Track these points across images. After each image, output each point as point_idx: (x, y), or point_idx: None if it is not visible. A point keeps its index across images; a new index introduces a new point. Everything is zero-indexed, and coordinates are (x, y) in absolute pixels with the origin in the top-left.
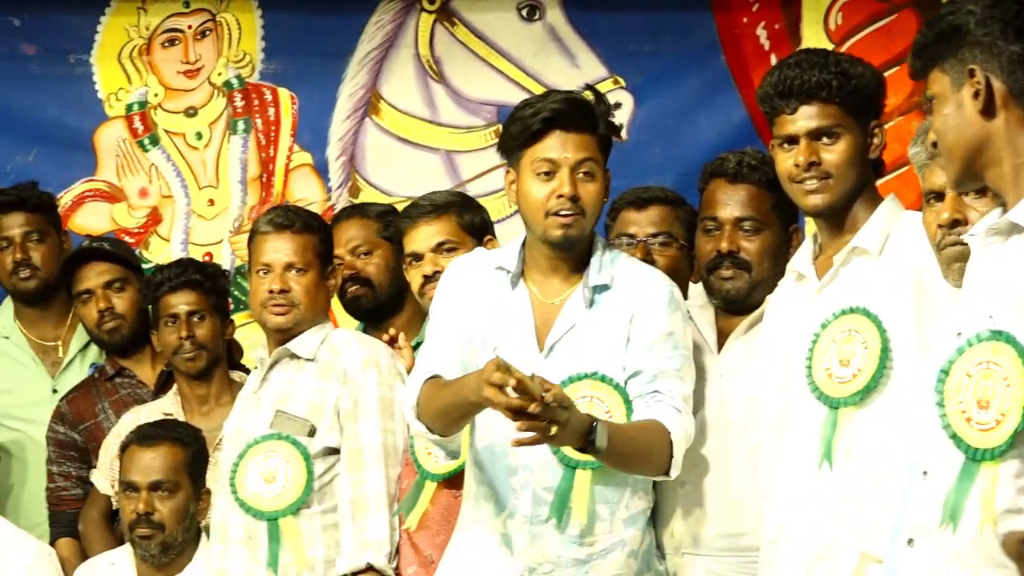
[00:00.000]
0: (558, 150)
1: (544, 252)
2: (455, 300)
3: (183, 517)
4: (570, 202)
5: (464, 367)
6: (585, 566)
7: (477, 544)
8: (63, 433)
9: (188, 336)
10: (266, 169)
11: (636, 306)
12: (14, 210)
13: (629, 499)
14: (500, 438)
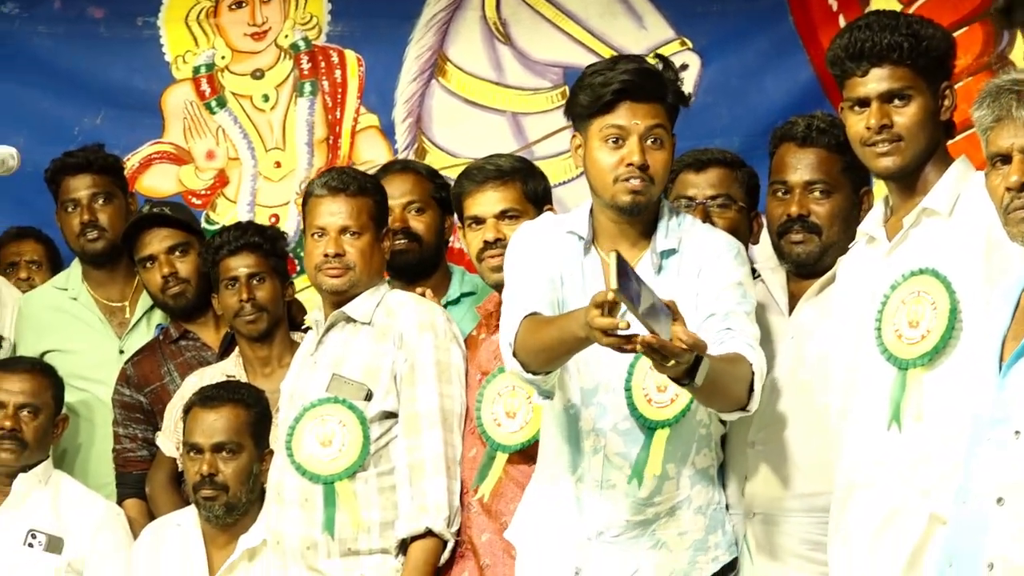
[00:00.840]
0: (627, 118)
1: (611, 218)
2: (534, 255)
3: (246, 478)
4: (639, 170)
5: (553, 309)
6: (652, 526)
7: (549, 504)
8: (129, 396)
9: (248, 299)
10: (332, 131)
11: (704, 262)
12: (81, 172)
13: (695, 456)
14: (575, 401)
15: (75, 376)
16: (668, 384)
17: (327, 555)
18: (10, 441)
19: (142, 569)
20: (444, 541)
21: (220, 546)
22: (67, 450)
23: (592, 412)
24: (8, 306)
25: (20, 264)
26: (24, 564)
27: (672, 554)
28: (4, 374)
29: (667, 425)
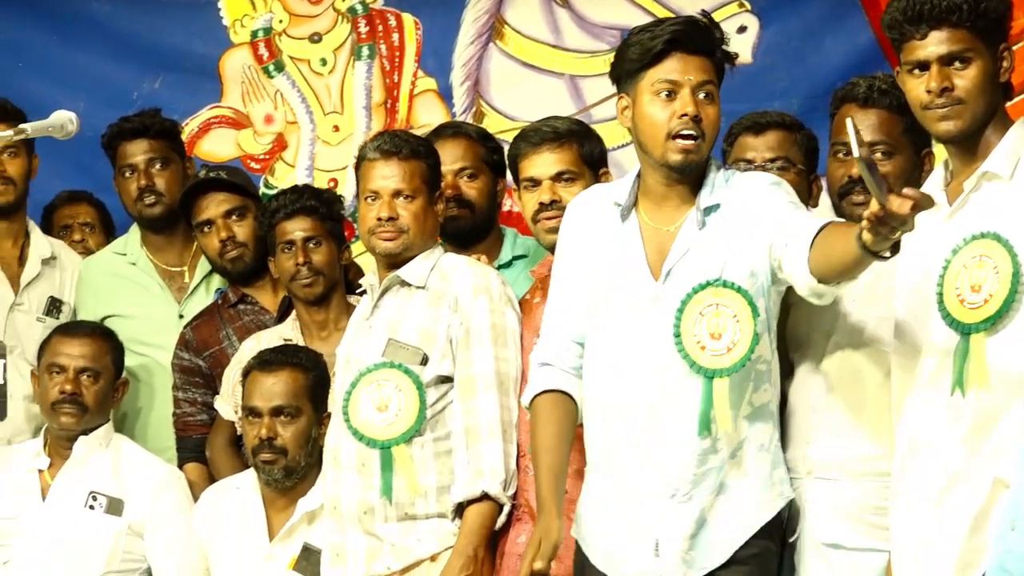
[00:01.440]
0: (680, 72)
1: (658, 179)
2: (573, 248)
3: (305, 441)
4: (692, 122)
5: (582, 327)
6: (717, 472)
7: (609, 477)
8: (188, 360)
9: (304, 262)
10: (390, 95)
11: (750, 201)
12: (137, 137)
13: (753, 394)
14: (617, 362)
15: (135, 341)
16: (723, 331)
17: (384, 520)
18: (71, 405)
19: (202, 532)
20: (500, 504)
21: (279, 509)
22: (127, 414)
23: (628, 369)
24: (68, 271)
25: (73, 227)
26: (85, 526)
27: (739, 497)
28: (64, 338)
29: (727, 374)
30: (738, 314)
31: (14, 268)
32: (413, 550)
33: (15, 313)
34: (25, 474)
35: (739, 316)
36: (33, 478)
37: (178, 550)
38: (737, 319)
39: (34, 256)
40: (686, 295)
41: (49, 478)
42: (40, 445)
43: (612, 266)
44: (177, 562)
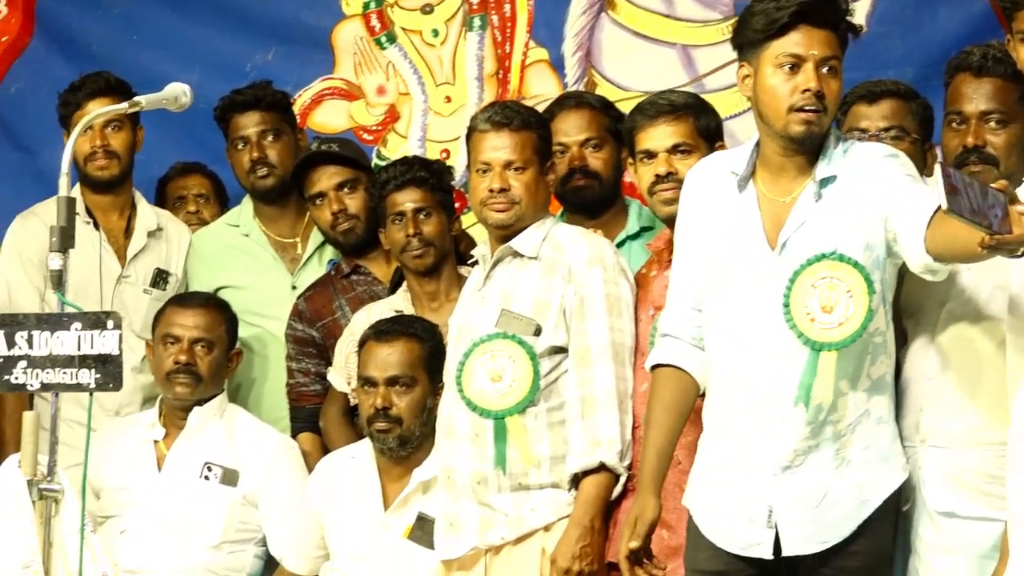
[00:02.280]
0: (804, 45)
1: (776, 149)
2: (692, 218)
3: (420, 411)
4: (815, 98)
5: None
6: (836, 443)
7: (725, 445)
8: (301, 330)
9: (415, 233)
10: (502, 65)
11: (867, 173)
12: (249, 110)
13: (871, 367)
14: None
15: (248, 312)
16: (835, 305)
17: (497, 490)
18: (185, 375)
19: (317, 502)
20: (616, 475)
21: (394, 479)
22: (241, 385)
23: (747, 339)
24: (175, 242)
25: (188, 198)
26: (200, 496)
27: (860, 471)
28: (179, 309)
29: (835, 348)
30: (852, 289)
31: (121, 240)
32: (527, 520)
33: (122, 285)
34: (141, 445)
35: (853, 291)
36: (148, 449)
37: (293, 520)
38: (851, 294)
39: (140, 228)
40: (799, 266)
41: (164, 449)
42: (155, 416)
43: (730, 236)
44: (292, 532)
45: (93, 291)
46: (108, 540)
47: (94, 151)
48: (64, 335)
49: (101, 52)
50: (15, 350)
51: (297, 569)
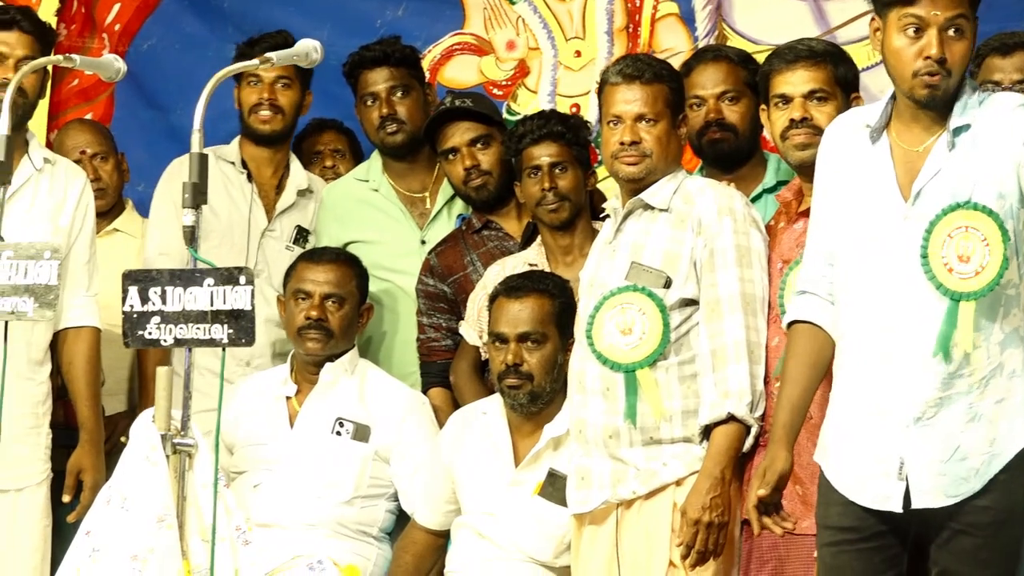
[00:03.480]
0: (928, 7)
1: (908, 104)
2: (829, 173)
3: (551, 367)
4: (936, 64)
5: (833, 259)
6: (968, 396)
7: (857, 398)
8: (432, 286)
9: (550, 187)
10: (632, 19)
11: (1000, 122)
12: (378, 65)
13: (1003, 320)
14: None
15: (378, 267)
16: (972, 255)
17: (629, 444)
18: (316, 331)
19: (448, 457)
20: (747, 427)
21: (525, 435)
22: (372, 339)
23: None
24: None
25: (324, 153)
26: (333, 452)
27: (992, 425)
28: (309, 264)
29: (974, 297)
30: (988, 237)
31: (271, 196)
32: (659, 474)
33: (266, 239)
34: (273, 401)
35: (989, 239)
36: (281, 405)
37: (424, 475)
38: (986, 242)
39: (291, 186)
40: (935, 216)
41: (297, 405)
42: (287, 372)
43: (863, 187)
44: (423, 487)
45: (240, 240)
46: (241, 494)
47: (260, 102)
48: (197, 291)
49: (232, 9)
50: (148, 306)
51: (428, 524)
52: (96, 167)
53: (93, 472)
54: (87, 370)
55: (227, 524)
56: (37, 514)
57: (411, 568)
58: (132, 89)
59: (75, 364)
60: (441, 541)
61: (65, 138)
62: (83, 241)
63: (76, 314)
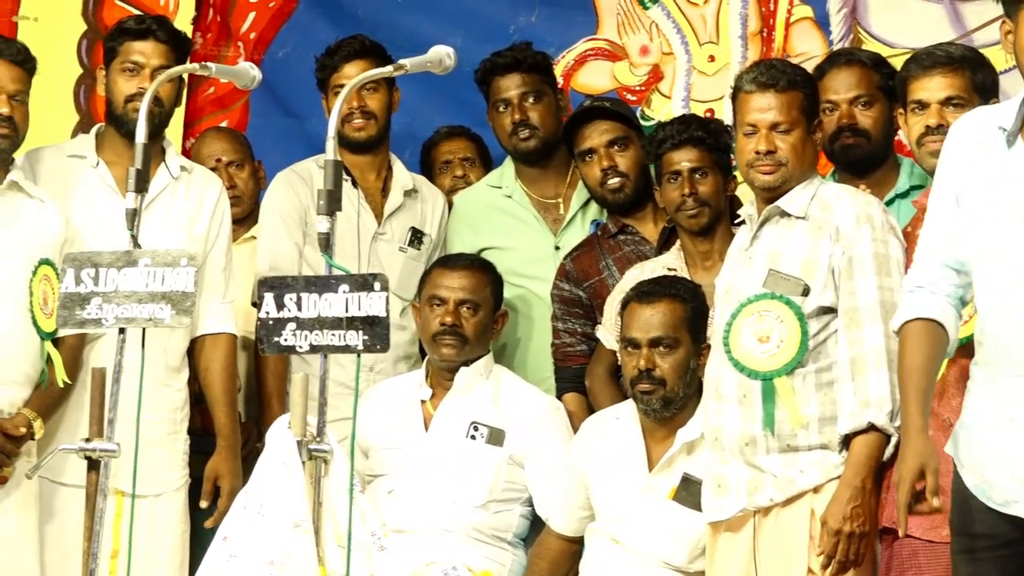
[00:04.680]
0: None
1: None
2: (953, 171)
3: (684, 372)
4: None
5: (957, 253)
6: None
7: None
8: (568, 291)
9: (691, 193)
10: (766, 24)
11: None
12: (510, 72)
13: None
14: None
15: (512, 272)
16: None
17: (766, 451)
18: (451, 336)
19: (582, 462)
20: (887, 436)
21: (659, 440)
22: (506, 345)
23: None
24: (429, 203)
25: (454, 162)
26: (467, 456)
27: None
28: (445, 271)
29: None
30: None
31: (377, 199)
32: (796, 482)
33: (378, 242)
34: (408, 405)
35: None
36: (416, 409)
37: (559, 480)
38: None
39: (397, 188)
40: None
41: (431, 409)
42: (422, 376)
43: (1000, 195)
44: (558, 492)
45: (351, 247)
46: (376, 499)
47: (351, 112)
48: (332, 297)
49: (366, 16)
50: (284, 312)
51: (563, 529)
52: (232, 174)
53: (230, 478)
54: (224, 376)
55: (362, 530)
56: (175, 520)
57: (545, 574)
58: (267, 97)
59: (212, 370)
60: (575, 547)
61: (201, 146)
62: (219, 248)
63: (213, 321)
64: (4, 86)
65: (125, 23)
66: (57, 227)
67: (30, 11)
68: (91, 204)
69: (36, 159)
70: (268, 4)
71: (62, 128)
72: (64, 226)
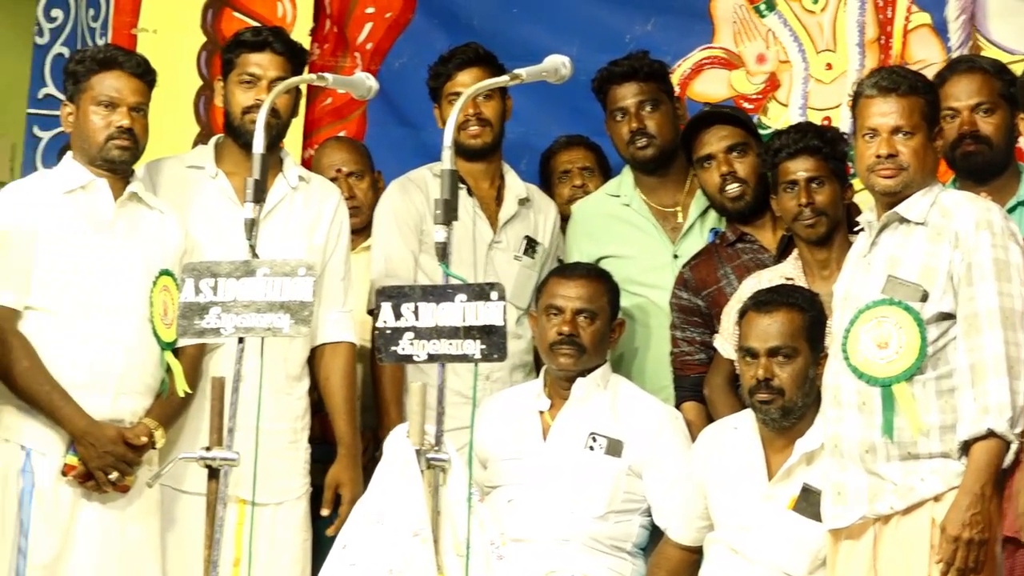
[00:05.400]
0: None
1: None
2: None
3: (802, 382)
4: None
5: None
6: None
7: None
8: (686, 299)
9: (807, 202)
10: (884, 31)
11: None
12: (627, 80)
13: None
14: None
15: (630, 281)
16: None
17: (886, 459)
18: (568, 346)
19: (700, 472)
20: (1007, 442)
21: (777, 449)
22: (624, 354)
23: None
24: (542, 212)
25: (572, 172)
26: (586, 466)
27: None
28: (562, 280)
29: None
30: None
31: (492, 207)
32: (916, 489)
33: (493, 250)
34: (526, 415)
35: None
36: (534, 419)
37: (677, 490)
38: None
39: (511, 196)
40: None
41: (549, 419)
42: (540, 386)
43: None
44: (677, 502)
45: (466, 255)
46: (495, 509)
47: (467, 119)
48: (449, 306)
49: (482, 26)
50: (402, 321)
51: (681, 539)
52: (351, 185)
53: (351, 486)
54: (344, 385)
55: (481, 539)
56: (297, 528)
57: None
58: (384, 107)
59: (332, 379)
60: (695, 557)
61: (322, 156)
62: (338, 258)
63: (332, 330)
64: (124, 98)
65: (242, 35)
66: (177, 238)
67: (149, 23)
68: (210, 214)
69: (156, 170)
70: (385, 15)
71: (183, 139)
72: (183, 237)
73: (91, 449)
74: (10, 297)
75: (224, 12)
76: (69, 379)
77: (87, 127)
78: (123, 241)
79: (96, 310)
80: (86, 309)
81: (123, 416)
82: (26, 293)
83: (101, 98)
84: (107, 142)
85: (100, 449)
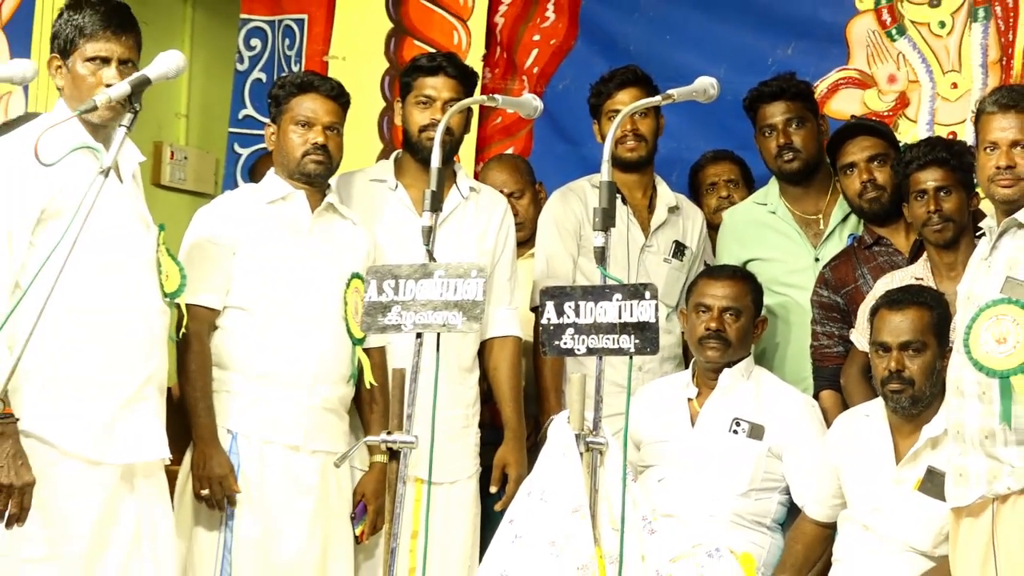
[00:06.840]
0: None
1: None
2: None
3: (930, 373)
4: None
5: None
6: None
7: None
8: (827, 296)
9: (936, 210)
10: (1005, 53)
11: None
12: (775, 99)
13: None
14: None
15: (774, 282)
16: None
17: (1004, 443)
18: (715, 340)
19: (834, 455)
20: None
21: (905, 435)
22: (766, 348)
23: None
24: (690, 219)
25: (719, 184)
26: (729, 449)
27: None
28: (710, 281)
29: None
30: None
31: (644, 215)
32: None
33: (644, 253)
34: (676, 402)
35: None
36: (683, 406)
37: (814, 471)
38: None
39: (662, 204)
40: None
41: (697, 406)
42: (689, 376)
43: None
44: (813, 482)
45: (620, 258)
46: (647, 487)
47: (624, 135)
48: (606, 305)
49: (638, 51)
50: (564, 318)
51: (817, 516)
52: (513, 203)
53: (517, 467)
54: (511, 375)
55: (634, 515)
56: (468, 504)
57: (801, 557)
58: (549, 125)
59: (500, 370)
60: (828, 532)
61: (485, 177)
62: (505, 260)
63: (500, 325)
64: (319, 118)
65: (418, 60)
66: (366, 244)
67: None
68: (390, 222)
69: (345, 183)
70: (550, 41)
71: (368, 155)
72: (372, 243)
73: (200, 460)
74: (211, 298)
75: (405, 41)
76: (268, 370)
77: (286, 144)
78: (319, 247)
79: (294, 309)
80: (285, 308)
81: (316, 403)
82: (225, 295)
83: (299, 118)
84: (303, 157)
85: (204, 466)
